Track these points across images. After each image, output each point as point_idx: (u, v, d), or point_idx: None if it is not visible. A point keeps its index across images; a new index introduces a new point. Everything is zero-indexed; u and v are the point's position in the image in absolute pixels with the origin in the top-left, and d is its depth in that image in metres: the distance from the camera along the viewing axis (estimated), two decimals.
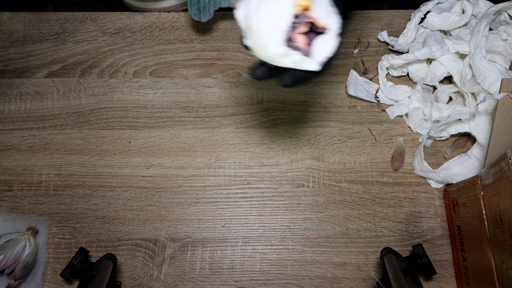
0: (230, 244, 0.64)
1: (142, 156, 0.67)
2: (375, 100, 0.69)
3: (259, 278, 0.62)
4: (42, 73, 0.70)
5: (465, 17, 0.67)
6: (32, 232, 0.62)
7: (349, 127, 0.68)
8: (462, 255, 0.60)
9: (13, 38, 0.72)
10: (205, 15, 0.66)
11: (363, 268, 0.63)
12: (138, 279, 0.62)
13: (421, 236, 0.64)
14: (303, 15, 0.36)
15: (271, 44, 0.36)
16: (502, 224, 0.50)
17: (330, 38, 0.37)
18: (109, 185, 0.65)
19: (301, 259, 0.63)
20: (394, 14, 0.74)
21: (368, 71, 0.71)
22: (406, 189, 0.66)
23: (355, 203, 0.65)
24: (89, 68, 0.70)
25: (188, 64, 0.71)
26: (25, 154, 0.67)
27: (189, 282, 0.62)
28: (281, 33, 0.36)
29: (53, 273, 0.62)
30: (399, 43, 0.69)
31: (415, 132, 0.68)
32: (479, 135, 0.63)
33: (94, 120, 0.68)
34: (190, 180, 0.66)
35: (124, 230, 0.64)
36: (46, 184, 0.65)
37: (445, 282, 0.62)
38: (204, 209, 0.65)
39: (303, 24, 0.37)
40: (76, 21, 0.73)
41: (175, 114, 0.69)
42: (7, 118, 0.68)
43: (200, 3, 0.63)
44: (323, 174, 0.66)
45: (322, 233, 0.64)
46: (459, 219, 0.61)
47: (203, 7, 0.64)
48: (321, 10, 0.36)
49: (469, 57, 0.64)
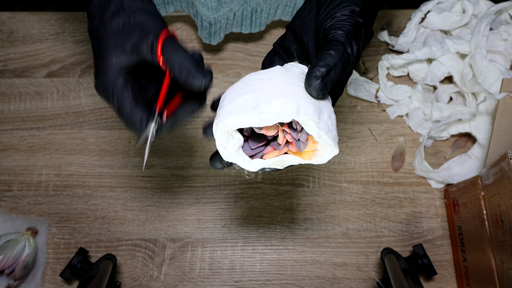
0: (230, 244, 0.63)
1: (142, 156, 0.66)
2: (375, 100, 0.69)
3: (259, 278, 0.62)
4: (42, 73, 0.70)
5: (466, 16, 0.67)
6: (31, 232, 0.62)
7: (349, 127, 0.68)
8: (462, 255, 0.60)
9: (13, 38, 0.72)
10: (215, 39, 0.66)
11: (363, 268, 0.62)
12: (138, 279, 0.62)
13: (421, 236, 0.63)
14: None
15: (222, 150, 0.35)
16: (503, 224, 0.50)
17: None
18: (109, 185, 0.65)
19: (301, 259, 0.63)
20: (395, 14, 0.73)
21: (368, 71, 0.71)
22: (407, 189, 0.65)
23: (355, 203, 0.65)
24: (88, 68, 0.70)
25: None
26: (24, 154, 0.66)
27: (189, 282, 0.62)
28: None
29: (52, 274, 0.62)
30: (400, 43, 0.69)
31: (416, 132, 0.68)
32: (479, 135, 0.63)
33: (94, 120, 0.68)
34: (190, 180, 0.66)
35: (123, 230, 0.64)
36: (46, 184, 0.65)
37: (445, 283, 0.62)
38: (204, 209, 0.65)
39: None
40: (76, 21, 0.73)
41: None
42: (6, 118, 0.68)
43: (211, 28, 0.63)
44: (323, 174, 0.66)
45: (322, 233, 0.64)
46: (459, 219, 0.61)
47: (214, 32, 0.64)
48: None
49: (469, 57, 0.64)
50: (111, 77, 0.37)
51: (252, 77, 0.35)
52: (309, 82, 0.33)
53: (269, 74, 0.35)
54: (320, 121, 0.33)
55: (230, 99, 0.34)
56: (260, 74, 0.35)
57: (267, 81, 0.34)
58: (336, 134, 0.35)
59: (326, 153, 0.35)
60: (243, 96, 0.33)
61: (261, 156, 0.36)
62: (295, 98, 0.33)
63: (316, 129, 0.33)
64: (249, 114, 0.32)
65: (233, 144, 0.35)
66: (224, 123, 0.33)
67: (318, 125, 0.33)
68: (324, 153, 0.35)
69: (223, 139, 0.34)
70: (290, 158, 0.36)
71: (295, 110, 0.32)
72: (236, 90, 0.34)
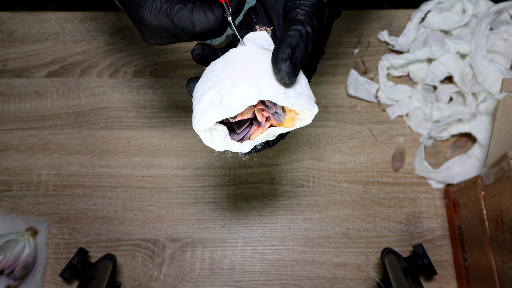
0: (230, 245, 0.63)
1: (142, 156, 0.66)
2: (375, 100, 0.69)
3: (259, 278, 0.62)
4: (42, 73, 0.70)
5: (466, 16, 0.67)
6: (31, 232, 0.62)
7: (349, 127, 0.68)
8: (462, 255, 0.60)
9: (13, 38, 0.72)
10: (217, 39, 0.66)
11: (363, 268, 0.62)
12: (138, 279, 0.62)
13: (421, 237, 0.63)
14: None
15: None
16: (503, 224, 0.50)
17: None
18: (109, 185, 0.65)
19: (301, 260, 0.63)
20: (395, 14, 0.73)
21: (368, 71, 0.71)
22: (407, 189, 0.65)
23: (355, 203, 0.65)
24: (88, 68, 0.70)
25: (188, 64, 0.71)
26: (24, 154, 0.66)
27: (189, 282, 0.62)
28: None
29: (52, 274, 0.62)
30: (400, 43, 0.69)
31: (416, 132, 0.68)
32: (479, 135, 0.63)
33: (94, 120, 0.68)
34: (190, 180, 0.66)
35: (123, 231, 0.64)
36: (46, 184, 0.65)
37: (445, 283, 0.62)
38: (204, 209, 0.65)
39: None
40: (76, 21, 0.73)
41: (175, 114, 0.68)
42: (6, 118, 0.68)
43: None
44: (323, 174, 0.66)
45: (322, 233, 0.64)
46: (459, 220, 0.61)
47: None
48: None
49: (469, 57, 0.64)
50: (153, 11, 0.35)
51: (211, 69, 0.36)
52: (278, 66, 0.33)
53: (224, 62, 0.35)
54: (286, 91, 0.34)
55: (198, 98, 0.35)
56: (217, 64, 0.36)
57: (224, 70, 0.35)
58: (309, 95, 0.36)
59: (307, 115, 0.36)
60: (208, 92, 0.34)
61: (249, 136, 0.37)
62: (255, 79, 0.33)
63: (285, 100, 0.34)
64: (218, 108, 0.33)
65: (219, 135, 0.36)
66: (200, 123, 0.34)
67: (286, 96, 0.34)
68: (305, 116, 0.36)
69: (207, 135, 0.36)
70: (275, 130, 0.37)
71: (257, 91, 0.33)
72: (201, 87, 0.35)
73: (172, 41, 0.39)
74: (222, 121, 0.36)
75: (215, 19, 0.36)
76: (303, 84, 0.36)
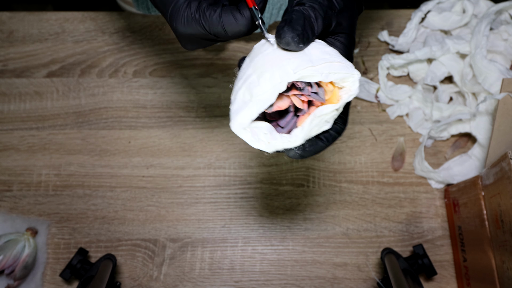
0: (230, 245, 0.63)
1: (142, 156, 0.66)
2: (375, 100, 0.69)
3: (259, 278, 0.62)
4: (42, 73, 0.70)
5: (466, 16, 0.67)
6: (31, 232, 0.62)
7: (349, 127, 0.68)
8: (462, 255, 0.60)
9: (13, 38, 0.72)
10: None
11: (363, 268, 0.62)
12: (138, 279, 0.62)
13: (421, 237, 0.63)
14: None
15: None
16: (503, 224, 0.50)
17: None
18: (109, 185, 0.65)
19: (301, 260, 0.63)
20: (395, 14, 0.73)
21: (368, 71, 0.71)
22: (407, 189, 0.65)
23: (355, 203, 0.65)
24: (88, 68, 0.70)
25: (188, 64, 0.71)
26: (24, 154, 0.66)
27: (189, 282, 0.62)
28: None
29: (52, 274, 0.62)
30: (400, 43, 0.69)
31: (416, 132, 0.68)
32: (479, 135, 0.63)
33: (94, 120, 0.68)
34: (190, 180, 0.66)
35: (123, 231, 0.64)
36: (46, 184, 0.65)
37: (445, 283, 0.62)
38: (204, 209, 0.65)
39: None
40: (76, 21, 0.73)
41: (175, 114, 0.68)
42: (6, 118, 0.68)
43: None
44: (323, 174, 0.66)
45: (322, 233, 0.64)
46: (459, 220, 0.61)
47: None
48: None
49: (469, 57, 0.64)
50: (186, 21, 0.35)
51: (241, 68, 0.35)
52: (278, 34, 0.31)
53: (249, 58, 0.35)
54: (314, 63, 0.31)
55: (233, 99, 0.34)
56: (245, 63, 0.35)
57: (250, 65, 0.34)
58: (342, 59, 0.33)
59: (349, 83, 0.33)
60: (239, 91, 0.33)
61: (296, 127, 0.34)
62: (278, 65, 0.32)
63: (316, 73, 0.31)
64: (250, 104, 0.32)
65: (263, 133, 0.33)
66: (236, 123, 0.33)
67: (315, 68, 0.31)
68: (347, 84, 0.33)
69: (248, 136, 0.33)
70: (322, 110, 0.33)
71: (284, 74, 0.31)
72: (234, 88, 0.35)
73: (210, 44, 0.38)
74: (266, 119, 0.34)
75: (245, 22, 0.35)
76: (331, 52, 0.33)
